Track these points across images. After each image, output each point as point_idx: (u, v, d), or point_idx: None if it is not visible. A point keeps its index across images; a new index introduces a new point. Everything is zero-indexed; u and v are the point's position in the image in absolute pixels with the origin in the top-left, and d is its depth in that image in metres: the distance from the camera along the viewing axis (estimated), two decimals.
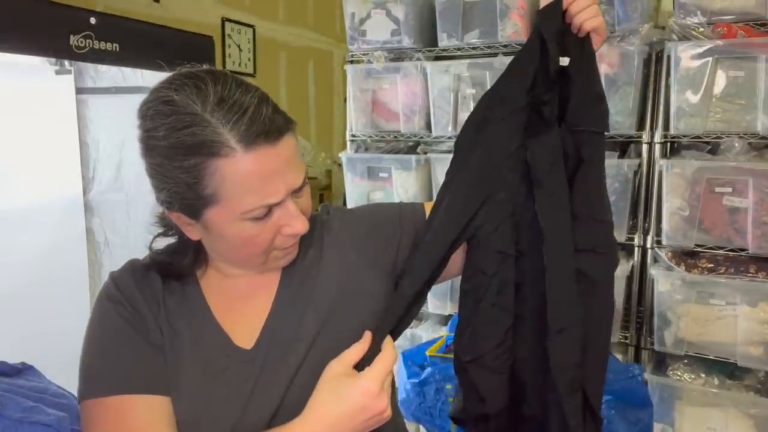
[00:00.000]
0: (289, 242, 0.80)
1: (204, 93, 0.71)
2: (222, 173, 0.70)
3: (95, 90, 2.29)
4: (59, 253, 2.29)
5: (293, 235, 0.78)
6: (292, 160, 0.75)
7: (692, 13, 1.77)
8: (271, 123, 0.71)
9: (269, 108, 0.73)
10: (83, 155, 2.38)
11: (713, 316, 1.79)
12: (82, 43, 1.56)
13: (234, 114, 0.70)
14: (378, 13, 2.23)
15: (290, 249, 0.82)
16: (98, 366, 0.78)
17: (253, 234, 0.75)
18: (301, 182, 0.76)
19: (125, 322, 0.79)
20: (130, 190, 2.30)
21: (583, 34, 0.89)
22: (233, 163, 0.70)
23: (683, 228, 1.80)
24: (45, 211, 2.24)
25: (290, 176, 0.74)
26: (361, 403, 0.74)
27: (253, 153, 0.70)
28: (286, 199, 0.75)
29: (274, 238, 0.77)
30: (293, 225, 0.77)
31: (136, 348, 0.78)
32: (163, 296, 0.82)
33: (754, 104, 1.71)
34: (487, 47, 2.10)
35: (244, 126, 0.69)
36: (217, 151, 0.69)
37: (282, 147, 0.73)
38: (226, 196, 0.72)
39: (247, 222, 0.74)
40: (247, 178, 0.71)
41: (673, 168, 1.79)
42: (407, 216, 0.95)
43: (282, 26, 3.68)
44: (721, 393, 1.82)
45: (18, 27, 1.44)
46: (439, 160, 2.17)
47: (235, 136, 0.69)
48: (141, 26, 1.76)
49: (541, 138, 0.88)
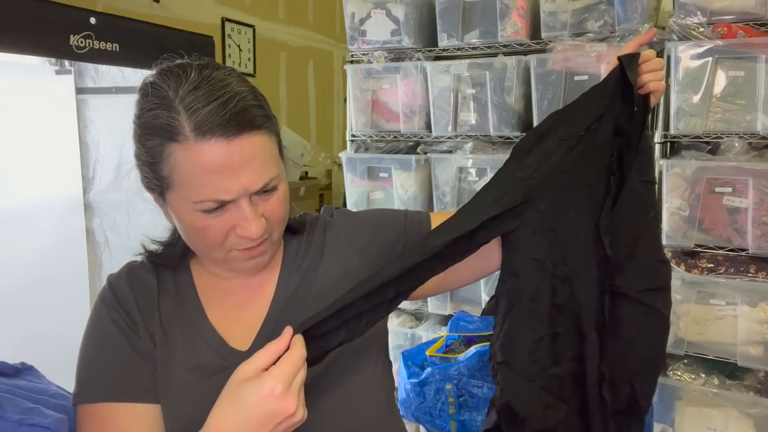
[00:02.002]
0: (245, 244, 0.76)
1: (181, 80, 0.72)
2: (174, 158, 0.71)
3: (95, 90, 2.29)
4: (59, 253, 2.30)
5: (246, 238, 0.75)
6: (253, 160, 0.72)
7: (692, 13, 1.77)
8: (233, 119, 0.70)
9: (242, 104, 0.72)
10: (83, 155, 2.39)
11: (713, 316, 1.79)
12: (82, 43, 1.56)
13: (198, 103, 0.70)
14: (378, 13, 2.23)
15: (252, 252, 0.78)
16: (87, 372, 0.80)
17: (205, 225, 0.74)
18: (261, 186, 0.73)
19: (117, 328, 0.80)
20: (130, 190, 2.30)
21: (645, 92, 0.92)
22: (185, 150, 0.70)
23: (683, 228, 1.80)
24: (45, 211, 2.24)
25: (246, 176, 0.71)
26: (264, 408, 0.66)
27: (204, 144, 0.69)
28: (240, 199, 0.72)
29: (228, 235, 0.75)
30: (246, 227, 0.73)
31: (123, 356, 0.79)
32: (158, 300, 0.83)
33: (754, 104, 1.71)
34: (487, 47, 2.10)
35: (202, 116, 0.69)
36: (173, 137, 0.70)
37: (240, 144, 0.71)
38: (178, 182, 0.72)
39: (198, 213, 0.73)
40: (196, 168, 0.70)
41: (673, 168, 1.79)
42: (412, 224, 0.94)
43: (282, 26, 3.68)
44: (721, 393, 1.82)
45: (18, 27, 1.44)
46: (439, 160, 2.17)
47: (191, 125, 0.69)
48: (141, 26, 1.76)
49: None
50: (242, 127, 0.71)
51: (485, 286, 2.12)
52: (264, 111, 0.76)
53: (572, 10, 1.93)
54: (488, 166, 2.09)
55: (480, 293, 2.12)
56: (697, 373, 1.89)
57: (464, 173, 2.15)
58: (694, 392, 1.86)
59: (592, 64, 1.88)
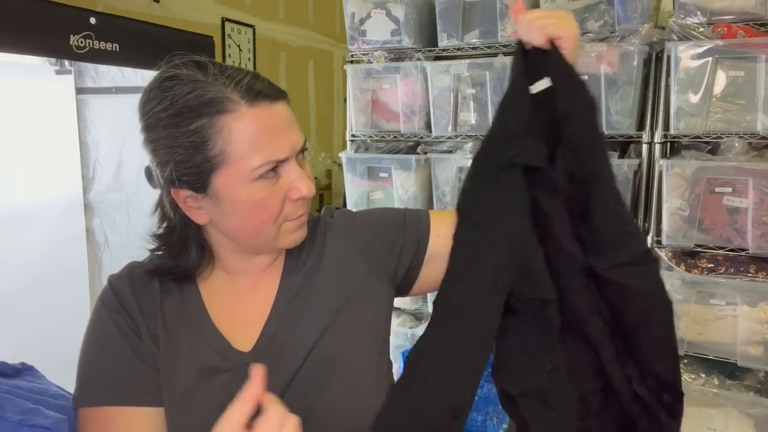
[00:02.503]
0: (298, 210, 0.79)
1: (204, 66, 0.76)
2: (229, 129, 0.72)
3: (95, 90, 2.29)
4: (59, 253, 2.30)
5: (301, 199, 0.78)
6: (292, 121, 0.78)
7: (692, 13, 1.77)
8: (270, 86, 0.76)
9: (265, 78, 0.78)
10: (83, 155, 2.39)
11: (713, 316, 1.79)
12: (82, 43, 1.56)
13: (235, 77, 0.74)
14: (378, 13, 2.23)
15: (300, 219, 0.81)
16: (88, 375, 0.80)
17: (264, 196, 0.75)
18: (302, 143, 0.78)
19: (118, 330, 0.79)
20: (130, 190, 2.30)
21: (547, 46, 0.80)
22: (239, 118, 0.72)
23: (683, 228, 1.80)
24: (45, 211, 2.24)
25: (293, 135, 0.77)
26: None
27: (257, 108, 0.73)
28: (291, 158, 0.76)
29: (284, 203, 0.77)
30: (299, 187, 0.76)
31: (125, 359, 0.79)
32: (161, 301, 0.82)
33: (754, 104, 1.71)
34: (487, 47, 2.10)
35: (246, 85, 0.73)
36: (224, 108, 0.72)
37: (280, 108, 0.76)
38: (234, 155, 0.72)
39: (257, 182, 0.74)
40: (254, 133, 0.73)
41: (673, 168, 1.79)
42: (411, 223, 0.93)
43: (282, 26, 3.67)
44: (721, 393, 1.82)
45: (18, 27, 1.44)
46: (439, 160, 2.17)
47: (239, 93, 0.73)
48: (141, 26, 1.76)
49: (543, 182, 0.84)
50: (278, 93, 0.77)
51: None
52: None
53: (572, 10, 1.93)
54: None
55: None
56: (697, 373, 1.89)
57: (464, 173, 2.14)
58: (694, 392, 1.86)
59: (592, 64, 1.88)
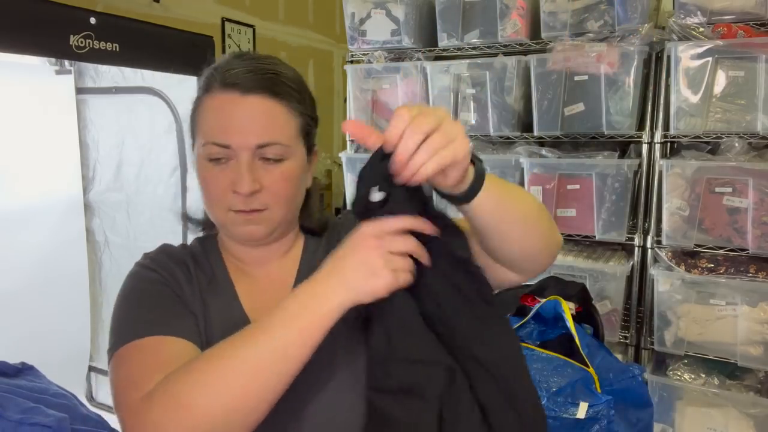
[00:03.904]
0: (239, 204, 0.79)
1: (238, 54, 0.84)
2: (203, 106, 0.81)
3: (95, 90, 2.29)
4: (59, 254, 2.29)
5: (237, 193, 0.78)
6: (261, 118, 0.78)
7: (692, 13, 1.77)
8: (255, 80, 0.78)
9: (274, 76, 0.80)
10: (83, 155, 2.38)
11: (713, 316, 1.79)
12: (82, 43, 1.56)
13: (235, 66, 0.80)
14: (378, 13, 2.23)
15: (245, 216, 0.80)
16: (133, 316, 0.78)
17: (209, 176, 0.80)
18: (260, 141, 0.78)
19: (162, 283, 0.82)
20: (130, 190, 2.30)
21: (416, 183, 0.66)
22: (210, 98, 0.80)
23: (683, 228, 1.80)
24: (45, 211, 2.23)
25: (250, 129, 0.78)
26: (351, 243, 0.69)
27: (226, 94, 0.78)
28: (241, 152, 0.77)
29: (226, 191, 0.79)
30: (239, 182, 0.77)
31: (172, 302, 0.80)
32: (196, 276, 0.85)
33: (754, 104, 1.71)
34: (487, 47, 2.10)
35: (231, 73, 0.79)
36: (207, 87, 0.81)
37: (253, 101, 0.78)
38: (199, 129, 0.81)
39: (208, 162, 0.80)
40: (213, 113, 0.79)
41: (673, 168, 1.79)
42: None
43: (282, 26, 3.67)
44: (721, 393, 1.82)
45: (18, 27, 1.44)
46: None
47: (220, 79, 0.80)
48: (141, 26, 1.76)
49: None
50: (261, 88, 0.78)
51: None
52: (297, 94, 0.82)
53: (572, 10, 1.94)
54: (488, 166, 2.08)
55: None
56: (697, 373, 1.89)
57: None
58: (694, 392, 1.86)
59: (592, 64, 1.88)
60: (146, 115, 2.18)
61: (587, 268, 1.97)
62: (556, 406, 1.27)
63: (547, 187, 1.98)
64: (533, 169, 1.99)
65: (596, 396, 1.27)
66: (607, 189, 1.90)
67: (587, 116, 1.93)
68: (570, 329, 1.41)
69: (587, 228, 1.96)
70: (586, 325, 1.56)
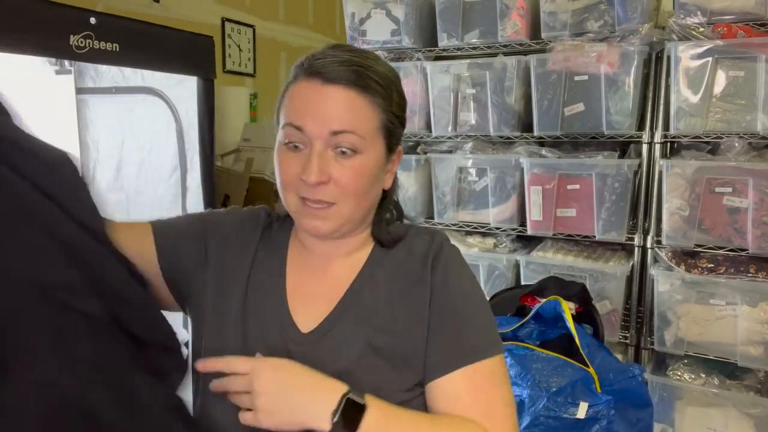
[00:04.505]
0: (307, 191, 0.79)
1: (334, 44, 0.83)
2: (290, 93, 0.82)
3: (95, 90, 2.29)
4: None
5: (305, 182, 0.78)
6: (338, 107, 0.78)
7: (692, 13, 1.77)
8: (339, 71, 0.78)
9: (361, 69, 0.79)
10: (83, 155, 2.38)
11: (713, 316, 1.79)
12: (82, 43, 1.56)
13: (326, 57, 0.80)
14: (378, 13, 2.23)
15: (310, 208, 0.80)
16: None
17: (283, 161, 0.81)
18: (334, 127, 0.77)
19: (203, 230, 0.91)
20: (130, 190, 2.29)
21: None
22: (296, 85, 0.81)
23: (683, 228, 1.80)
24: None
25: (326, 115, 0.77)
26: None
27: (309, 82, 0.79)
28: (315, 141, 0.78)
29: (297, 177, 0.79)
30: (307, 170, 0.77)
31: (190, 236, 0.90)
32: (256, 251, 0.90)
33: (754, 104, 1.71)
34: (487, 47, 2.10)
35: (315, 63, 0.79)
36: (295, 76, 0.82)
37: (333, 90, 0.78)
38: (281, 113, 0.82)
39: (283, 146, 0.81)
40: (295, 98, 0.80)
41: (673, 168, 1.79)
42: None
43: (282, 26, 3.67)
44: (721, 393, 1.82)
45: (18, 27, 1.44)
46: (439, 160, 2.17)
47: (306, 64, 0.81)
48: (141, 26, 1.76)
49: None
50: (343, 79, 0.78)
51: (485, 286, 2.12)
52: (383, 90, 0.81)
53: (572, 10, 1.94)
54: (488, 166, 2.09)
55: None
56: (697, 373, 1.89)
57: (464, 173, 2.15)
58: (694, 392, 1.86)
59: (592, 64, 1.88)
60: (146, 115, 2.17)
61: (587, 268, 1.97)
62: (556, 406, 1.27)
63: (547, 187, 1.98)
64: (533, 169, 2.00)
65: (596, 396, 1.27)
66: (607, 189, 1.90)
67: (587, 116, 1.93)
68: (570, 329, 1.41)
69: (587, 228, 1.96)
70: (586, 325, 1.56)
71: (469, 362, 0.81)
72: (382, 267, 0.87)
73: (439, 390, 0.81)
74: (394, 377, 0.81)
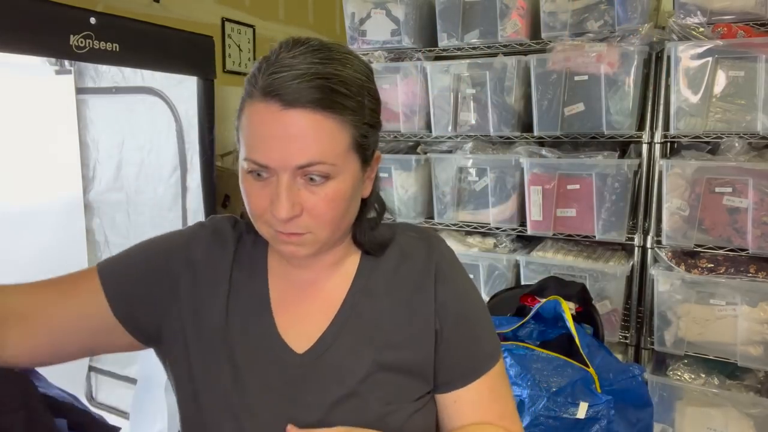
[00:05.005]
0: (278, 225, 0.73)
1: (295, 45, 0.72)
2: (245, 113, 0.72)
3: (95, 90, 2.29)
4: (59, 254, 2.29)
5: (273, 216, 0.71)
6: (304, 136, 0.68)
7: (692, 13, 1.77)
8: (300, 91, 0.68)
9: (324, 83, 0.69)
10: (83, 155, 2.38)
11: (713, 316, 1.79)
12: (82, 43, 1.56)
13: (283, 68, 0.69)
14: (378, 13, 2.23)
15: (284, 237, 0.74)
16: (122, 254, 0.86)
17: (251, 191, 0.74)
18: (301, 162, 0.69)
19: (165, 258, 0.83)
20: (130, 190, 2.30)
21: None
22: (250, 106, 0.71)
23: (683, 228, 1.80)
24: (45, 211, 2.23)
25: (290, 149, 0.68)
26: None
27: (266, 104, 0.69)
28: (281, 173, 0.70)
29: (267, 209, 0.72)
30: (276, 206, 0.70)
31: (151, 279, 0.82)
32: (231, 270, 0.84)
33: (754, 104, 1.71)
34: (487, 47, 2.10)
35: (274, 78, 0.69)
36: (249, 92, 0.72)
37: (295, 116, 0.68)
38: (242, 137, 0.73)
39: (249, 174, 0.73)
40: (251, 125, 0.71)
41: (673, 168, 1.79)
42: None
43: (282, 26, 3.67)
44: (721, 393, 1.82)
45: (18, 27, 1.44)
46: (439, 160, 2.17)
47: (262, 83, 0.70)
48: (141, 26, 1.76)
49: None
50: (305, 101, 0.68)
51: (485, 286, 2.13)
52: (352, 101, 0.71)
53: (572, 10, 1.94)
54: (488, 166, 2.09)
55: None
56: (697, 373, 1.89)
57: (464, 173, 2.15)
58: (694, 392, 1.86)
59: (592, 64, 1.88)
60: (146, 115, 2.18)
61: (587, 268, 1.97)
62: (556, 406, 1.26)
63: (547, 187, 1.98)
64: (533, 169, 2.00)
65: (596, 396, 1.27)
66: (607, 189, 1.90)
67: (587, 116, 1.93)
68: (570, 329, 1.41)
69: (587, 228, 1.96)
70: (586, 325, 1.56)
71: (488, 369, 0.82)
72: (377, 277, 0.83)
73: (460, 400, 0.81)
74: (404, 390, 0.79)
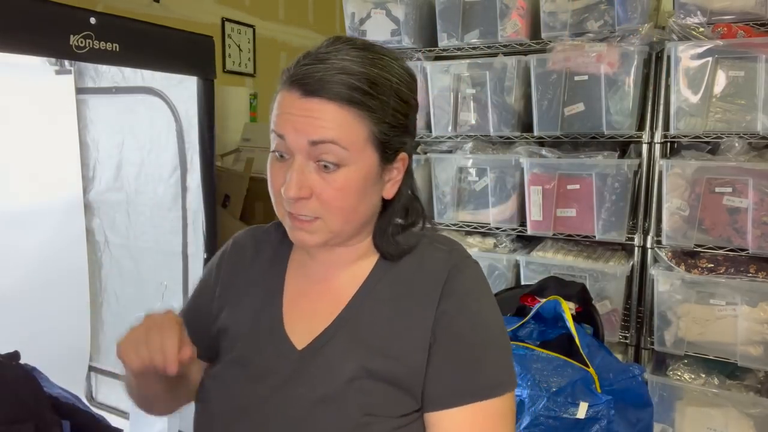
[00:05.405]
0: (288, 205, 0.77)
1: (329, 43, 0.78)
2: (276, 99, 0.80)
3: (95, 90, 2.29)
4: (59, 253, 2.30)
5: (286, 196, 0.75)
6: (317, 119, 0.73)
7: (692, 13, 1.77)
8: (317, 83, 0.74)
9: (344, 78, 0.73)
10: (83, 155, 2.38)
11: (713, 316, 1.79)
12: (82, 43, 1.56)
13: (311, 61, 0.76)
14: (378, 13, 2.23)
15: (295, 221, 0.78)
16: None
17: (272, 170, 0.79)
18: (312, 137, 0.73)
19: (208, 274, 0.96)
20: (130, 190, 2.30)
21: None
22: (280, 92, 0.79)
23: (683, 228, 1.80)
24: (45, 211, 2.24)
25: (305, 126, 0.74)
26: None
27: (289, 92, 0.76)
28: (297, 154, 0.75)
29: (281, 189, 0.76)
30: (286, 185, 0.75)
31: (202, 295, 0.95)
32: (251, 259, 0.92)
33: (754, 104, 1.71)
34: (487, 47, 2.10)
35: (301, 70, 0.76)
36: (281, 80, 0.79)
37: (311, 104, 0.74)
38: (271, 117, 0.80)
39: (272, 155, 0.79)
40: (278, 105, 0.78)
41: (673, 168, 1.79)
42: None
43: (282, 26, 3.67)
44: (721, 393, 1.82)
45: (18, 27, 1.44)
46: (439, 160, 2.17)
47: (292, 72, 0.77)
48: (141, 26, 1.76)
49: None
50: (323, 92, 0.73)
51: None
52: (375, 100, 0.75)
53: (572, 10, 1.94)
54: (488, 166, 2.09)
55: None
56: (697, 373, 1.89)
57: (464, 173, 2.15)
58: (694, 392, 1.86)
59: (592, 64, 1.88)
60: (146, 115, 2.18)
61: (587, 268, 1.97)
62: (556, 406, 1.27)
63: (547, 187, 1.98)
64: (533, 169, 2.00)
65: (596, 396, 1.27)
66: (607, 189, 1.90)
67: (587, 116, 1.93)
68: (570, 329, 1.41)
69: (587, 228, 1.96)
70: (586, 325, 1.56)
71: (475, 400, 0.75)
72: (387, 282, 0.82)
73: (438, 424, 0.76)
74: (388, 403, 0.76)
